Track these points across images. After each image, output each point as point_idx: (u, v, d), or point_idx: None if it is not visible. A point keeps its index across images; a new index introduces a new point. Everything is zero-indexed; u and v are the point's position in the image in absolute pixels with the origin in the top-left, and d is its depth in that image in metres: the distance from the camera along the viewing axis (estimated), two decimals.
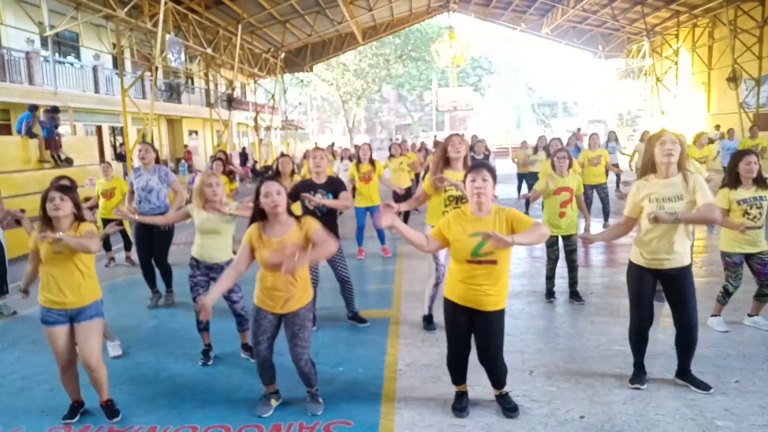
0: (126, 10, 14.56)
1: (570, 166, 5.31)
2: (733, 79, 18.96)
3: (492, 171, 3.04)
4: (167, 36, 15.99)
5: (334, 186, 4.68)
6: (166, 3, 15.37)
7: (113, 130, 20.29)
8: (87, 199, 10.80)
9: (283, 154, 6.42)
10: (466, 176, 3.06)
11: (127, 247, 7.98)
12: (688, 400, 3.32)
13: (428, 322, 4.74)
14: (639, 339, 3.49)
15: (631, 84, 29.45)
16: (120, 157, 17.08)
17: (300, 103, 42.98)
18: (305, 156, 10.02)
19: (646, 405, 3.27)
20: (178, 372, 4.05)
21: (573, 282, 5.34)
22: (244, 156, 24.46)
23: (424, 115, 56.60)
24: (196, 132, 26.29)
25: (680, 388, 3.46)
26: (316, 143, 35.37)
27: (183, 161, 22.14)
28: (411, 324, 4.84)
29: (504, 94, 58.43)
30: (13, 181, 9.66)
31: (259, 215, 3.15)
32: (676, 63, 25.29)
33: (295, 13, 22.90)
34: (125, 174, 14.91)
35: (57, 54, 16.94)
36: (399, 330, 4.72)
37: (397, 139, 25.33)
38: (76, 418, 3.39)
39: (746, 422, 3.05)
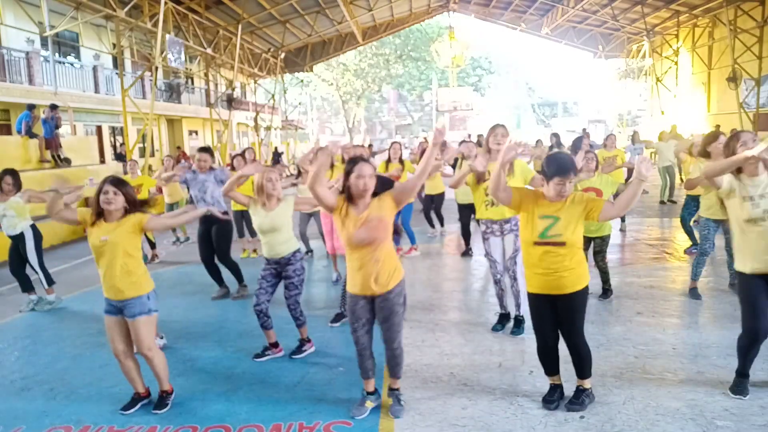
0: (126, 10, 14.56)
1: (597, 167, 5.23)
2: (733, 79, 18.97)
3: (574, 168, 3.08)
4: (167, 36, 15.99)
5: (384, 185, 4.57)
6: (166, 3, 15.37)
7: (113, 130, 20.28)
8: (87, 200, 10.85)
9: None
10: (551, 178, 3.04)
11: (152, 245, 8.15)
12: (688, 400, 3.31)
13: (500, 321, 4.65)
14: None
15: (631, 84, 29.46)
16: (120, 157, 17.08)
17: (300, 103, 42.99)
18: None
19: (646, 405, 3.27)
20: (178, 372, 4.04)
21: (605, 281, 5.36)
22: (277, 155, 25.17)
23: (424, 115, 56.60)
24: (196, 132, 26.29)
25: (680, 388, 3.46)
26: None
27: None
28: (411, 324, 4.84)
29: (504, 94, 58.45)
30: None
31: (347, 195, 3.12)
32: (676, 63, 25.30)
33: (295, 13, 22.91)
34: (125, 175, 14.91)
35: (57, 54, 16.93)
36: None
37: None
38: (133, 410, 3.43)
39: (746, 422, 3.05)
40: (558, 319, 3.20)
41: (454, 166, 7.30)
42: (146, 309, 3.34)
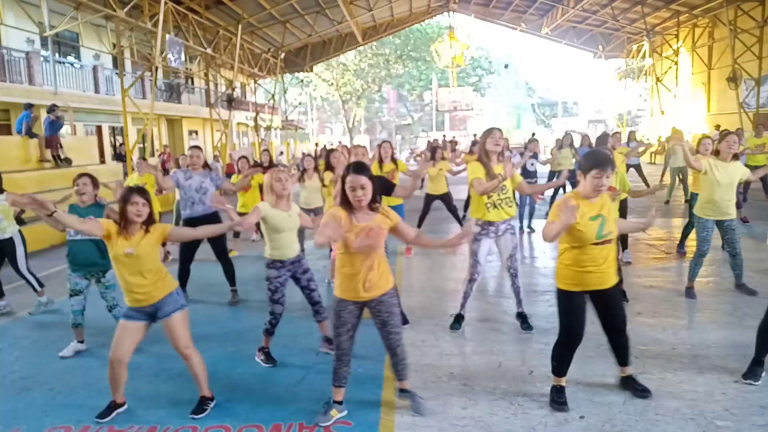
0: (126, 10, 14.55)
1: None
2: (733, 79, 18.95)
3: (614, 167, 3.14)
4: (167, 36, 15.97)
5: (384, 186, 4.50)
6: (166, 3, 15.35)
7: (113, 130, 20.26)
8: None
9: (334, 149, 6.52)
10: (588, 171, 3.09)
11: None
12: (688, 400, 3.32)
13: (457, 321, 4.67)
14: None
15: (631, 84, 29.45)
16: (120, 157, 17.06)
17: (300, 103, 42.94)
18: (322, 155, 9.71)
19: (646, 405, 3.27)
20: (178, 372, 4.04)
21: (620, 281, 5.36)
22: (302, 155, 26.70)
23: (424, 115, 56.58)
24: (196, 132, 26.27)
25: (680, 388, 3.46)
26: (305, 144, 35.35)
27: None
28: (411, 324, 4.83)
29: (504, 94, 58.40)
30: (13, 181, 9.64)
31: (345, 204, 3.06)
32: (676, 63, 25.29)
33: (295, 13, 22.90)
34: (125, 175, 14.91)
35: (57, 54, 16.92)
36: None
37: (437, 140, 24.24)
38: (110, 417, 3.37)
39: (746, 422, 3.05)
40: (603, 313, 3.32)
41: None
42: (179, 304, 3.35)
